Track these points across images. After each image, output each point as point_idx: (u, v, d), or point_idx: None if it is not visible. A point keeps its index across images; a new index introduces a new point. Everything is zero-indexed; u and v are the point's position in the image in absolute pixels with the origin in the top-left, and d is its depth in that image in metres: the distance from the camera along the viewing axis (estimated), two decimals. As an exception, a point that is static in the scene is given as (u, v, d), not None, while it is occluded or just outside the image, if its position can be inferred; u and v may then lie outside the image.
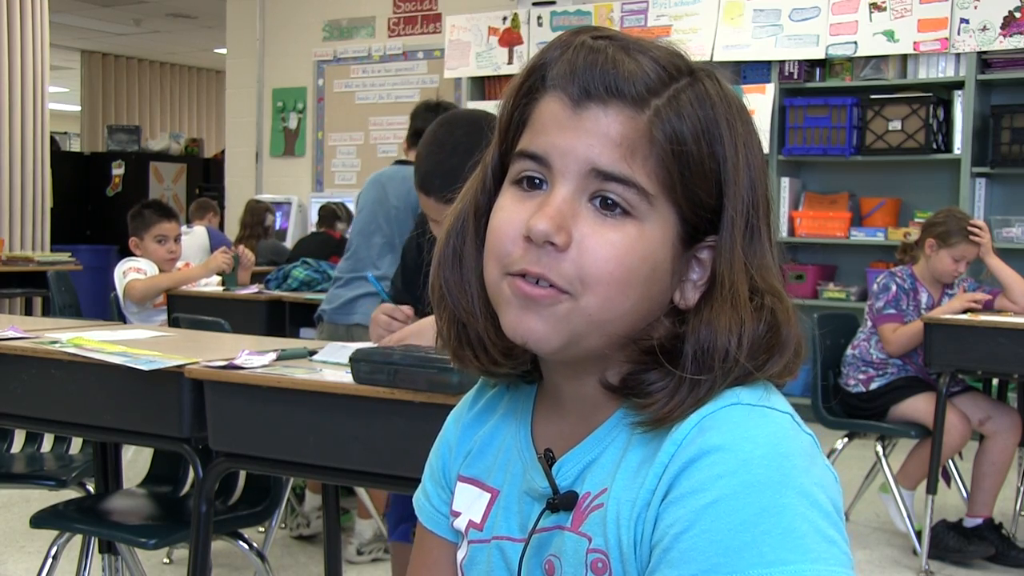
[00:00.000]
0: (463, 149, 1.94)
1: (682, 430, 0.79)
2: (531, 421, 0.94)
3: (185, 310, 3.90)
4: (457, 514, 0.97)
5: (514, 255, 0.82)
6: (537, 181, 0.84)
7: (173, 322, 3.66)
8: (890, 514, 3.79)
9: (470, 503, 0.96)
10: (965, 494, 3.93)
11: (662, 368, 0.81)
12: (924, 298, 3.82)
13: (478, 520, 0.94)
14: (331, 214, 5.90)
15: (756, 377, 0.82)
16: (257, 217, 6.54)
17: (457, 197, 0.93)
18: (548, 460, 0.88)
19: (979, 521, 3.69)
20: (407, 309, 2.21)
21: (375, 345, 2.03)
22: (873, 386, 3.80)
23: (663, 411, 0.80)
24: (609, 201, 0.81)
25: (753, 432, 0.77)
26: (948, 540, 3.65)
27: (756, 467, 0.75)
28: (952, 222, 3.78)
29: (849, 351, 3.89)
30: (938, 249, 3.77)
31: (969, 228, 3.75)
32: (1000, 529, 3.70)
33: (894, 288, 3.79)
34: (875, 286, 3.87)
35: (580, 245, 0.80)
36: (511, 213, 0.84)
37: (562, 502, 0.86)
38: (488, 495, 0.95)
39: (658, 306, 0.84)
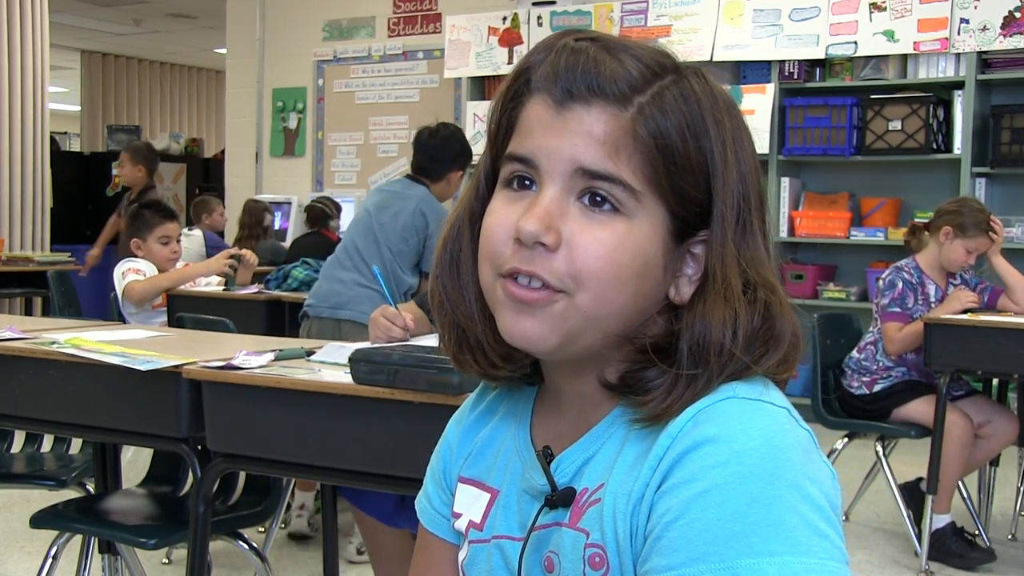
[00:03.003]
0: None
1: (677, 423, 0.80)
2: (530, 422, 0.95)
3: (185, 310, 3.90)
4: (458, 515, 0.98)
5: (505, 255, 0.83)
6: (527, 182, 0.84)
7: (178, 321, 3.65)
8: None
9: (470, 503, 0.96)
10: (965, 494, 3.93)
11: (659, 366, 0.82)
12: (932, 290, 3.77)
13: (478, 520, 0.95)
14: (322, 214, 5.68)
15: (753, 372, 0.82)
16: (255, 217, 6.50)
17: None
18: (547, 457, 0.89)
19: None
20: (408, 318, 2.23)
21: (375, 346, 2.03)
22: (877, 388, 3.78)
23: (661, 407, 0.81)
24: (597, 198, 0.81)
25: (748, 425, 0.78)
26: (951, 545, 3.61)
27: (749, 459, 0.75)
28: (970, 213, 3.74)
29: (855, 354, 3.86)
30: (954, 238, 3.72)
31: (991, 223, 3.73)
32: (963, 532, 3.67)
33: (900, 285, 3.75)
34: (881, 282, 3.82)
35: (570, 243, 0.81)
36: (502, 215, 0.85)
37: (560, 498, 0.86)
38: (488, 495, 0.95)
39: (653, 302, 0.85)
